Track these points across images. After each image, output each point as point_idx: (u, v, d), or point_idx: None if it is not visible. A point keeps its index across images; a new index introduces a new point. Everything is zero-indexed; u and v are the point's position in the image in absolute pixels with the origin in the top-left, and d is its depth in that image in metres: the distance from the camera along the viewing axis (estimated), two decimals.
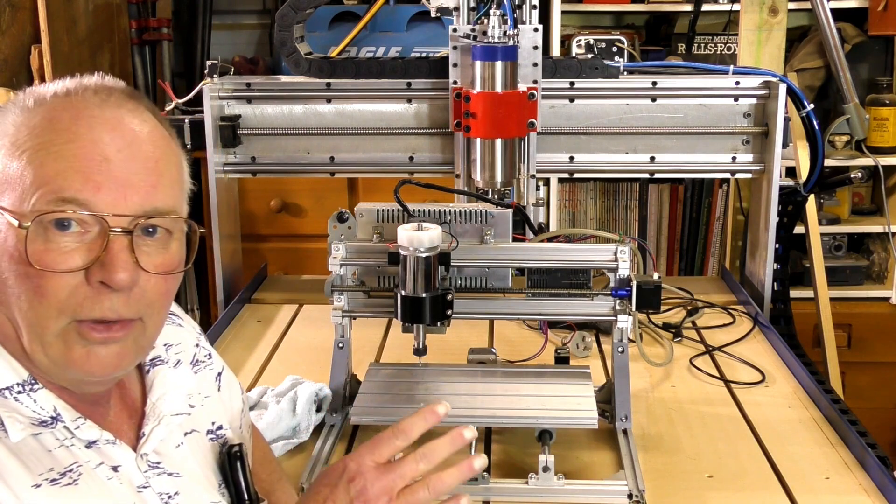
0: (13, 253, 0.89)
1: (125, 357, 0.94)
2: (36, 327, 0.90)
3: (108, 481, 0.93)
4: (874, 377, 3.31)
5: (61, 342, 0.90)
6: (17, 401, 0.90)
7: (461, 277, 1.57)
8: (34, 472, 0.87)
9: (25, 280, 0.88)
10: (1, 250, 0.89)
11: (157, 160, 0.94)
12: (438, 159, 2.20)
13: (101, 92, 0.94)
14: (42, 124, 0.90)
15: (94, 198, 0.89)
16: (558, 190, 3.33)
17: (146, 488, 0.96)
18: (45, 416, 0.91)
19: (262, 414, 1.53)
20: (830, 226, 3.35)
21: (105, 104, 0.93)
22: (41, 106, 0.92)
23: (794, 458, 1.49)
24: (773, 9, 2.75)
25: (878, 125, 3.26)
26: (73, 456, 0.91)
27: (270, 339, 2.01)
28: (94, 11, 3.15)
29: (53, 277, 0.88)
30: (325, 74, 2.17)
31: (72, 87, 0.94)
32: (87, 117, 0.91)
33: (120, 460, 0.95)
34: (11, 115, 0.92)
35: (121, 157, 0.90)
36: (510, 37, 1.97)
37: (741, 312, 2.13)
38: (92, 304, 0.90)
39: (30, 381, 0.92)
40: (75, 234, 0.89)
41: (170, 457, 1.01)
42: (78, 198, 0.88)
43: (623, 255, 1.50)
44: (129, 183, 0.91)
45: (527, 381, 1.59)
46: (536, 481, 1.37)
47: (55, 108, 0.91)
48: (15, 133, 0.90)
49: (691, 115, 2.15)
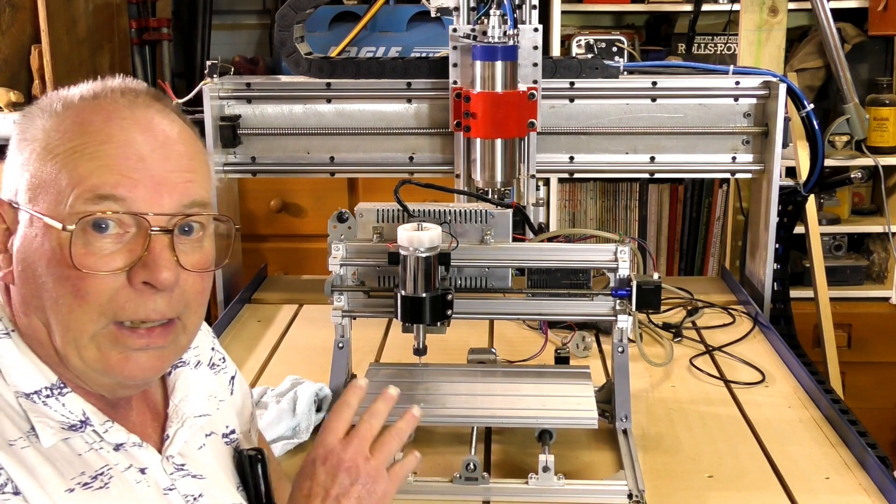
0: (52, 256, 0.88)
1: (165, 359, 0.96)
2: (73, 331, 0.90)
3: (137, 485, 0.93)
4: (874, 377, 3.31)
5: (96, 346, 0.91)
6: (45, 405, 0.90)
7: (461, 277, 1.57)
8: (66, 477, 0.87)
9: (66, 283, 0.88)
10: (37, 254, 0.89)
11: (190, 158, 0.95)
12: (438, 159, 2.20)
13: (127, 94, 0.94)
14: (73, 128, 0.90)
15: (132, 195, 0.89)
16: (558, 190, 3.33)
17: (172, 490, 0.96)
18: (74, 420, 0.91)
19: (262, 414, 1.53)
20: (830, 226, 3.35)
21: (134, 105, 0.93)
22: (70, 109, 0.92)
23: (794, 458, 1.49)
24: (773, 9, 2.75)
25: (878, 125, 3.26)
26: (102, 459, 0.91)
27: (270, 339, 2.01)
28: (94, 11, 3.15)
29: (95, 279, 0.88)
30: (325, 74, 2.17)
31: (98, 89, 0.94)
32: (118, 119, 0.91)
33: (146, 462, 0.95)
34: (39, 119, 0.92)
35: (155, 156, 0.91)
36: (510, 37, 1.97)
37: (741, 312, 2.13)
38: (135, 306, 0.90)
39: (59, 384, 0.92)
40: (114, 235, 0.89)
41: (193, 458, 1.01)
42: (115, 194, 0.89)
43: (623, 255, 1.50)
44: (166, 181, 0.91)
45: (527, 381, 1.59)
46: (536, 481, 1.37)
47: (85, 111, 0.91)
48: (45, 138, 0.90)
49: (691, 115, 2.15)
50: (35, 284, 0.90)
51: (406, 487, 1.38)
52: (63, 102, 0.93)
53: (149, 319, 0.91)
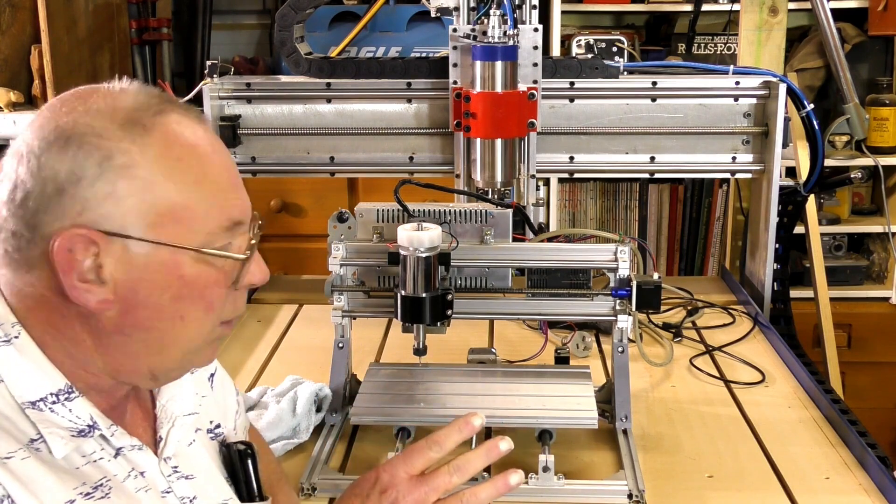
0: (193, 281, 0.90)
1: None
2: (194, 339, 0.94)
3: (136, 493, 0.93)
4: (874, 377, 3.31)
5: (207, 346, 0.97)
6: (52, 412, 0.88)
7: (461, 277, 1.57)
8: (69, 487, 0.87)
9: (200, 301, 0.92)
10: (170, 280, 0.89)
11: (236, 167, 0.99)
12: (438, 159, 2.20)
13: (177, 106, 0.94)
14: (183, 153, 0.89)
15: (246, 213, 0.95)
16: (558, 190, 3.34)
17: (169, 493, 0.97)
18: (82, 424, 0.90)
19: (262, 414, 1.53)
20: (830, 226, 3.35)
21: (193, 121, 0.93)
22: (154, 131, 0.88)
23: (794, 458, 1.49)
24: (773, 9, 2.75)
25: (878, 125, 3.26)
26: (101, 471, 0.91)
27: (270, 339, 2.01)
28: (94, 11, 3.15)
29: (221, 291, 0.94)
30: (325, 74, 2.17)
31: (162, 105, 0.91)
32: (196, 137, 0.92)
33: (145, 466, 0.95)
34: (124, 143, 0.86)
35: (233, 170, 0.95)
36: (510, 37, 1.97)
37: (741, 312, 2.13)
38: (234, 306, 0.97)
39: (66, 389, 0.90)
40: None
41: (184, 457, 1.01)
42: (242, 219, 0.94)
43: (623, 255, 1.50)
44: (244, 191, 0.97)
45: (527, 381, 1.59)
46: (536, 481, 1.37)
47: (168, 133, 0.89)
48: (152, 165, 0.87)
49: (691, 115, 2.15)
50: (157, 308, 0.90)
51: None
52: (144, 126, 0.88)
53: (241, 315, 0.99)
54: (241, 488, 1.06)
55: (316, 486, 1.39)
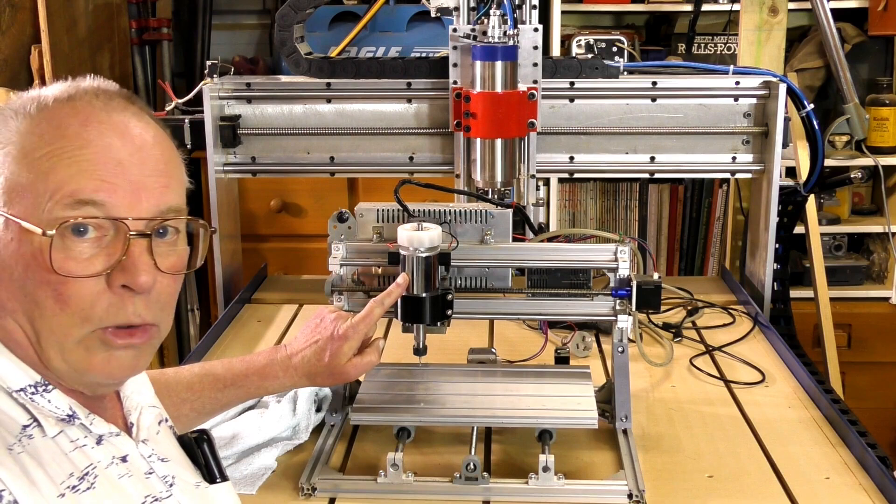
0: (31, 261, 0.89)
1: (141, 359, 0.97)
2: (57, 335, 0.90)
3: (120, 479, 0.94)
4: (874, 377, 3.31)
5: (83, 349, 0.92)
6: (32, 401, 0.91)
7: (461, 277, 1.57)
8: (56, 481, 0.88)
9: (46, 287, 0.89)
10: (14, 258, 0.89)
11: (166, 163, 0.96)
12: (438, 159, 2.20)
13: (101, 96, 0.94)
14: (50, 131, 0.90)
15: (111, 200, 0.90)
16: (558, 190, 3.34)
17: (152, 474, 0.98)
18: (62, 414, 0.92)
19: (263, 413, 1.53)
20: (830, 226, 3.35)
21: (110, 108, 0.93)
22: (45, 112, 0.92)
23: (794, 458, 1.49)
24: (773, 9, 2.75)
25: (878, 125, 3.26)
26: (87, 458, 0.92)
27: (270, 339, 2.01)
28: (94, 11, 3.15)
29: (76, 284, 0.89)
30: (325, 74, 2.17)
31: (72, 91, 0.94)
32: (95, 122, 0.92)
33: (126, 450, 0.97)
34: (13, 122, 0.92)
35: (133, 161, 0.92)
36: (510, 37, 1.97)
37: (741, 312, 2.13)
38: (116, 311, 0.92)
39: (42, 383, 0.92)
40: (93, 238, 0.90)
41: (155, 442, 1.03)
42: (95, 199, 0.89)
43: (623, 255, 1.50)
44: (143, 186, 0.92)
45: (527, 381, 1.59)
46: (536, 481, 1.37)
47: (61, 114, 0.91)
48: (21, 141, 0.90)
49: (691, 115, 2.15)
50: (12, 287, 0.90)
51: (406, 487, 1.38)
52: (37, 104, 0.92)
53: (131, 323, 0.93)
54: (203, 472, 1.08)
55: (316, 486, 1.39)
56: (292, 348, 1.42)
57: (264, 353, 1.43)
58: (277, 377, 1.40)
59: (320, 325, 1.42)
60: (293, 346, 1.42)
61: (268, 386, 1.41)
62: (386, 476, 1.38)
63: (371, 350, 1.43)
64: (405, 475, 1.38)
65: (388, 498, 1.38)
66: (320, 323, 1.43)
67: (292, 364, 1.40)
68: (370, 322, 1.41)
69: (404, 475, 1.38)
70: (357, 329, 1.40)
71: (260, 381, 1.40)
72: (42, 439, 0.89)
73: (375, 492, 1.38)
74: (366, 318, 1.41)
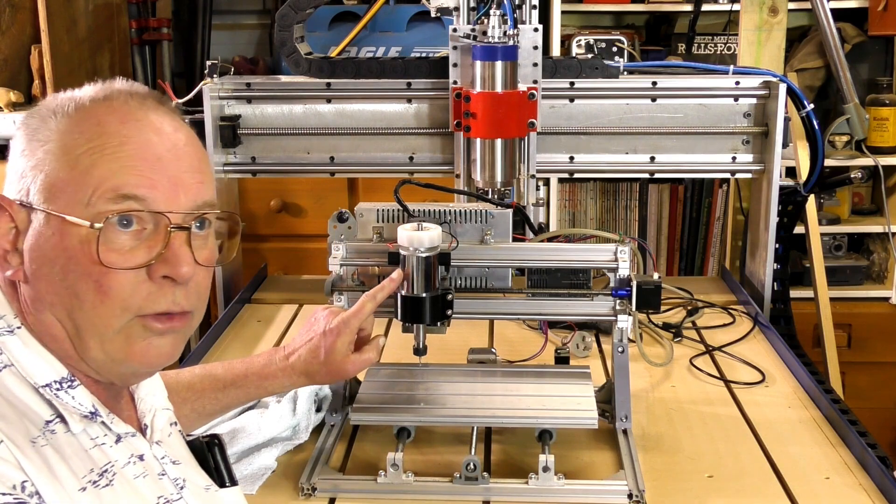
0: (74, 254, 0.91)
1: (177, 346, 1.00)
2: (98, 325, 0.93)
3: (135, 479, 0.96)
4: (874, 377, 3.31)
5: (123, 338, 0.94)
6: (57, 396, 0.93)
7: (461, 277, 1.57)
8: (79, 476, 0.90)
9: (87, 279, 0.92)
10: (56, 252, 0.92)
11: (200, 159, 1.00)
12: (438, 159, 2.20)
13: (135, 96, 0.98)
14: (90, 129, 0.93)
15: (152, 194, 0.93)
16: (558, 190, 3.34)
17: (164, 476, 1.00)
18: (84, 411, 0.94)
19: (263, 413, 1.53)
20: (830, 226, 3.35)
21: (146, 108, 0.97)
22: (83, 111, 0.95)
23: (794, 458, 1.49)
24: (773, 9, 2.75)
25: (878, 125, 3.26)
26: (105, 455, 0.94)
27: (270, 339, 2.01)
28: (94, 11, 3.15)
29: (117, 275, 0.92)
30: (325, 74, 2.17)
31: (108, 91, 0.97)
32: (133, 120, 0.95)
33: (143, 450, 0.99)
34: (52, 121, 0.95)
35: (170, 156, 0.95)
36: (510, 37, 1.97)
37: (741, 312, 2.13)
38: (156, 299, 0.95)
39: (69, 378, 0.94)
40: (134, 231, 0.93)
41: (167, 445, 1.05)
42: (137, 194, 0.92)
43: (623, 255, 1.50)
44: (181, 181, 0.96)
45: (527, 381, 1.59)
46: (536, 481, 1.37)
47: (100, 113, 0.95)
48: (61, 139, 0.93)
49: (691, 115, 2.15)
50: (52, 281, 0.92)
51: (406, 487, 1.38)
52: (75, 104, 0.95)
53: (170, 311, 0.96)
54: (213, 476, 1.09)
55: (316, 486, 1.39)
56: (289, 348, 1.43)
57: (264, 354, 1.44)
58: (277, 377, 1.41)
59: (314, 324, 1.43)
60: (290, 345, 1.43)
61: (268, 386, 1.42)
62: (386, 476, 1.38)
63: (370, 347, 1.44)
64: (405, 475, 1.38)
65: (388, 498, 1.38)
66: (314, 321, 1.44)
67: (289, 363, 1.41)
68: (362, 316, 1.42)
69: (404, 475, 1.38)
70: (349, 324, 1.40)
71: (260, 381, 1.41)
72: (64, 434, 0.91)
73: (375, 492, 1.38)
74: (357, 312, 1.41)
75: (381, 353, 1.46)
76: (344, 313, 1.42)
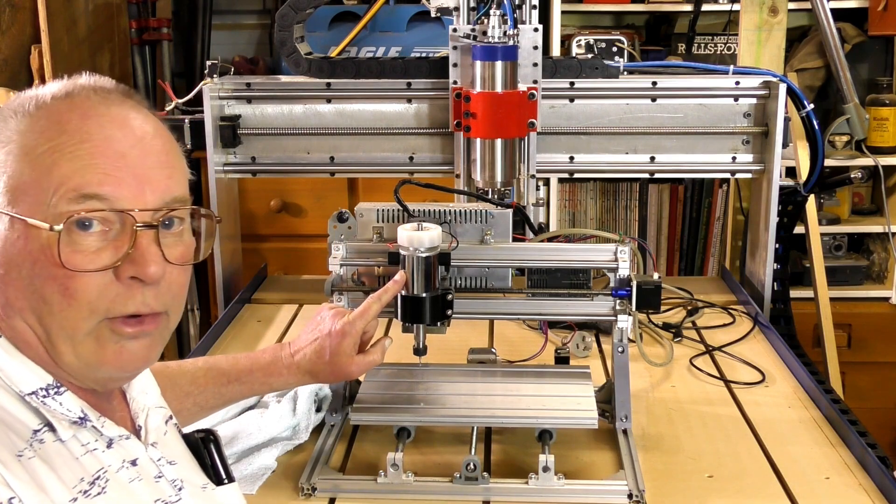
0: (38, 257, 0.88)
1: (153, 349, 0.97)
2: (66, 329, 0.90)
3: (130, 483, 0.94)
4: (874, 377, 3.31)
5: (93, 341, 0.91)
6: (45, 404, 0.90)
7: (461, 277, 1.57)
8: (69, 486, 0.88)
9: (53, 283, 0.89)
10: (21, 256, 0.89)
11: (168, 153, 0.95)
12: (438, 159, 2.20)
13: (99, 91, 0.94)
14: (50, 127, 0.90)
15: (116, 193, 0.90)
16: (558, 190, 3.34)
17: (161, 478, 0.98)
18: (74, 417, 0.92)
19: (263, 413, 1.53)
20: (830, 226, 3.35)
21: (108, 102, 0.93)
22: (43, 109, 0.92)
23: (794, 458, 1.49)
24: (773, 9, 2.75)
25: (878, 125, 3.26)
26: (98, 462, 0.92)
27: (270, 339, 2.01)
28: (94, 11, 3.15)
29: (83, 277, 0.89)
30: (325, 74, 2.17)
31: (70, 88, 0.94)
32: (95, 116, 0.91)
33: (137, 453, 0.97)
34: (12, 121, 0.91)
35: (135, 152, 0.92)
36: (510, 37, 1.97)
37: (741, 312, 2.13)
38: (124, 301, 0.91)
39: (54, 384, 0.92)
40: (99, 232, 0.90)
41: (163, 444, 1.03)
42: (99, 193, 0.89)
43: (623, 255, 1.50)
44: (147, 177, 0.92)
45: (527, 381, 1.59)
46: (536, 481, 1.37)
47: (60, 110, 0.91)
48: (21, 139, 0.90)
49: (691, 115, 2.15)
50: (20, 286, 0.90)
51: (406, 487, 1.38)
52: (35, 102, 0.92)
53: (139, 313, 0.93)
54: (209, 473, 1.07)
55: (316, 486, 1.39)
56: (295, 346, 1.42)
57: (269, 350, 1.43)
58: (282, 374, 1.41)
59: (320, 324, 1.43)
60: (296, 343, 1.43)
61: (272, 383, 1.41)
62: (386, 476, 1.38)
63: (375, 349, 1.44)
64: (405, 475, 1.38)
65: (388, 498, 1.38)
66: (320, 321, 1.43)
67: (295, 361, 1.41)
68: (367, 318, 1.42)
69: (404, 475, 1.38)
70: (354, 325, 1.40)
71: (264, 377, 1.40)
72: (53, 443, 0.89)
73: (375, 492, 1.38)
74: (363, 314, 1.41)
75: (384, 354, 1.45)
76: (349, 315, 1.42)
